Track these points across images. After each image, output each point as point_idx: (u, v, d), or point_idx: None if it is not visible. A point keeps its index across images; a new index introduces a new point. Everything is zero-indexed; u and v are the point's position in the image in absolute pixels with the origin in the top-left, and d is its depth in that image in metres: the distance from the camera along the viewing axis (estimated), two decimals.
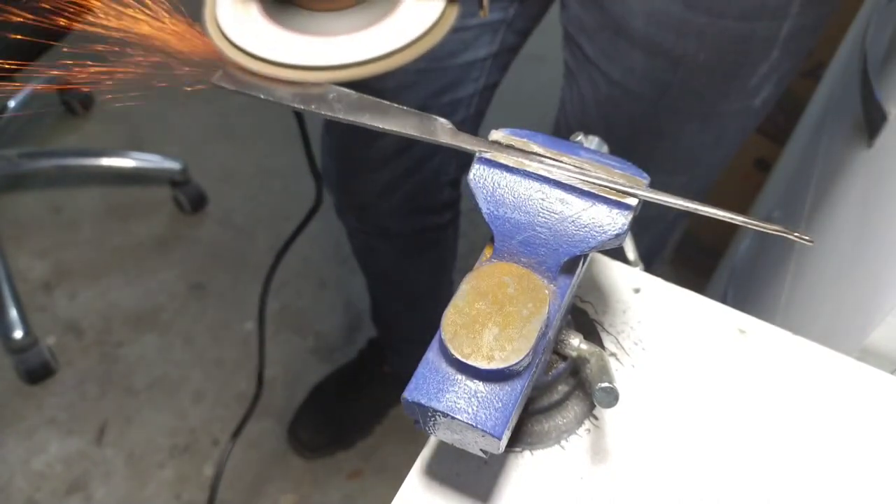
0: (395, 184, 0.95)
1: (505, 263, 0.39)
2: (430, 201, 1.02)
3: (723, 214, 0.38)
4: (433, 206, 1.04)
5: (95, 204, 1.70)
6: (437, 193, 1.01)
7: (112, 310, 1.54)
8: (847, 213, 0.77)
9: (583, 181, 0.38)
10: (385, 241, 1.09)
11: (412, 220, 1.04)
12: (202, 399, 1.43)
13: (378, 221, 1.04)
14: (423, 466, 0.45)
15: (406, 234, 1.07)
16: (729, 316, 0.51)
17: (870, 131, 0.74)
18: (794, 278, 0.86)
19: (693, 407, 0.47)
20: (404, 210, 1.01)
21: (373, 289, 1.28)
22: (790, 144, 1.23)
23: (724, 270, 1.26)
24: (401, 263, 1.15)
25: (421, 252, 1.12)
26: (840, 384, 0.48)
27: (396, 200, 0.98)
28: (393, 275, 1.19)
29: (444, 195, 1.03)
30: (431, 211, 1.04)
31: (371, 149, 0.92)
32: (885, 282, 0.59)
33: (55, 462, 1.35)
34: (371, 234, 1.08)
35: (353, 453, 1.38)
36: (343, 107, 0.42)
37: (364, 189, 0.99)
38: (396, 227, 1.05)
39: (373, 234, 1.08)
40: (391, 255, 1.13)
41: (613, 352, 0.50)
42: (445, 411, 0.35)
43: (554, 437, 0.46)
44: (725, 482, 0.44)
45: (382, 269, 1.20)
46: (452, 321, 0.36)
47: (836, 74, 1.01)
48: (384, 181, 0.95)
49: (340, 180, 1.00)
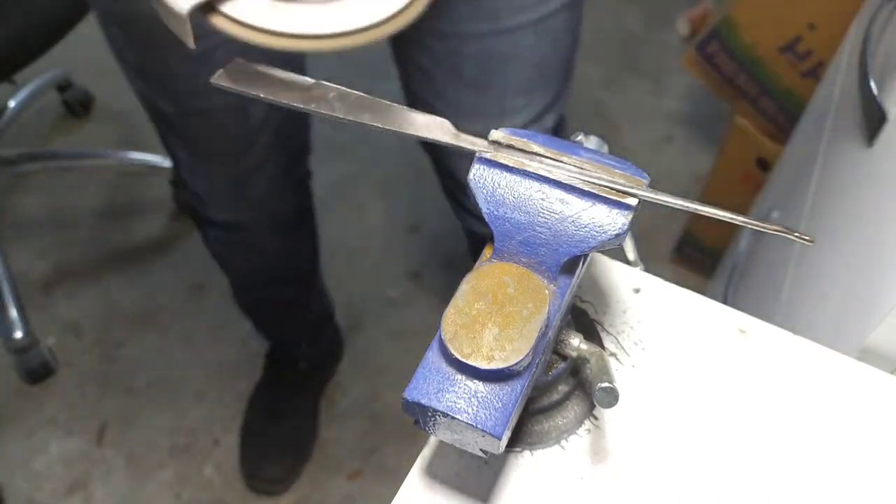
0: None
1: (505, 263, 0.39)
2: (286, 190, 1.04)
3: (723, 214, 0.38)
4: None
5: (95, 204, 1.70)
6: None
7: (112, 310, 1.54)
8: (847, 213, 0.77)
9: (583, 181, 0.38)
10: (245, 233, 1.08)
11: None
12: (202, 399, 1.43)
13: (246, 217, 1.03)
14: (423, 466, 0.45)
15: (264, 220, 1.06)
16: (729, 316, 0.51)
17: (870, 131, 0.74)
18: (794, 278, 0.86)
19: (693, 407, 0.47)
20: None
21: (242, 289, 1.26)
22: (790, 144, 1.23)
23: (724, 270, 1.26)
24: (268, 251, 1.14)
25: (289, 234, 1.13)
26: (840, 384, 0.48)
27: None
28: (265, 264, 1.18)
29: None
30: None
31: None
32: (885, 282, 0.59)
33: (55, 462, 1.36)
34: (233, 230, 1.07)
35: (353, 453, 1.38)
36: (343, 106, 0.42)
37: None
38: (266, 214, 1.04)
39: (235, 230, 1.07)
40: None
41: (613, 352, 0.50)
42: (445, 411, 0.35)
43: (554, 437, 0.46)
44: (725, 482, 0.44)
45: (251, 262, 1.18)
46: (452, 321, 0.36)
47: (836, 74, 1.01)
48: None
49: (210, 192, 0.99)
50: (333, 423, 1.41)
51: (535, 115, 0.84)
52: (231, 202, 0.99)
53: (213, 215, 1.01)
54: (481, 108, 0.81)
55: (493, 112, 0.81)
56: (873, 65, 0.75)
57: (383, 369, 1.48)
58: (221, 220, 1.02)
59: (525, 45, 0.77)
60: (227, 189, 0.97)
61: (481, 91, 0.80)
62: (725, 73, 1.40)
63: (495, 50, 0.76)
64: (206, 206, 1.00)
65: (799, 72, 1.32)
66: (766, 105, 1.39)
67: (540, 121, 0.85)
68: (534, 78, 0.81)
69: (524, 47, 0.77)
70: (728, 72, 1.39)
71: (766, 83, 1.36)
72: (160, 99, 0.84)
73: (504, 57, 0.77)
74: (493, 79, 0.79)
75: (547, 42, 0.78)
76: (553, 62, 0.82)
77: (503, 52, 0.77)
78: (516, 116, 0.83)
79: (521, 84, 0.80)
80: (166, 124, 0.89)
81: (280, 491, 1.33)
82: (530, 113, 0.83)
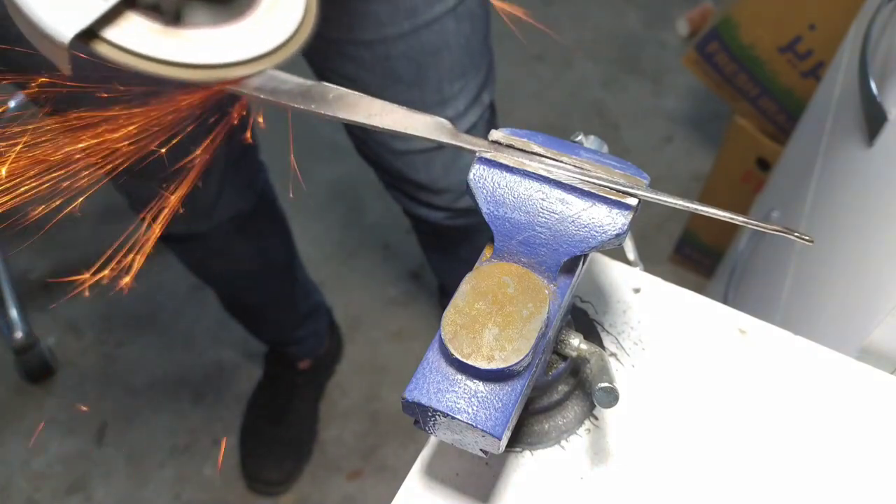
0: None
1: (505, 263, 0.39)
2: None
3: (723, 214, 0.38)
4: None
5: (95, 204, 1.70)
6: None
7: (112, 310, 1.54)
8: (847, 212, 0.77)
9: (583, 181, 0.38)
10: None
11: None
12: (202, 399, 1.43)
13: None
14: (423, 466, 0.45)
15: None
16: (729, 316, 0.51)
17: (870, 131, 0.74)
18: (794, 278, 0.86)
19: (693, 407, 0.47)
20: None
21: (231, 298, 1.26)
22: (790, 144, 1.23)
23: (724, 270, 1.26)
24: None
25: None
26: (840, 384, 0.48)
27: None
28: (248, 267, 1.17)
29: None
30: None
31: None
32: (885, 282, 0.59)
33: (55, 462, 1.36)
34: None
35: (353, 453, 1.38)
36: (342, 107, 0.42)
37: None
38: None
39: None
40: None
41: (613, 352, 0.50)
42: (445, 411, 0.35)
43: (554, 437, 0.46)
44: (726, 482, 0.44)
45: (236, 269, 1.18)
46: (452, 321, 0.36)
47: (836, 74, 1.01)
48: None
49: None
50: (333, 423, 1.41)
51: (473, 96, 0.86)
52: (179, 216, 0.97)
53: (166, 230, 0.99)
54: (421, 101, 0.82)
55: (433, 102, 0.83)
56: (873, 65, 0.75)
57: (383, 369, 1.48)
58: (177, 234, 1.00)
59: (448, 31, 0.78)
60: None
61: (419, 86, 0.81)
62: (725, 73, 1.40)
63: (423, 44, 0.77)
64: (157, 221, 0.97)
65: (799, 72, 1.32)
66: (766, 105, 1.39)
67: (478, 99, 0.87)
68: (463, 61, 0.82)
69: (448, 34, 0.78)
70: (728, 72, 1.39)
71: (766, 83, 1.36)
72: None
73: (433, 48, 0.78)
74: (427, 72, 0.80)
75: (466, 23, 0.80)
76: (476, 41, 0.83)
77: (431, 44, 0.78)
78: (457, 101, 0.85)
79: (454, 69, 0.82)
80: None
81: (280, 492, 1.33)
82: (468, 95, 0.85)
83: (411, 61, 0.79)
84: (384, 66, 0.79)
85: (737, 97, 1.42)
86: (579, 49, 2.01)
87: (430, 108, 0.81)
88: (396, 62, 0.78)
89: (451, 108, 0.85)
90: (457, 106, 0.85)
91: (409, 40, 0.77)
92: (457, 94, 0.84)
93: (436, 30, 0.77)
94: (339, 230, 1.65)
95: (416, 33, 0.76)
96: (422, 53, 0.78)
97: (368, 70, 0.79)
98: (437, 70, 0.81)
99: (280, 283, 1.26)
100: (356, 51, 0.78)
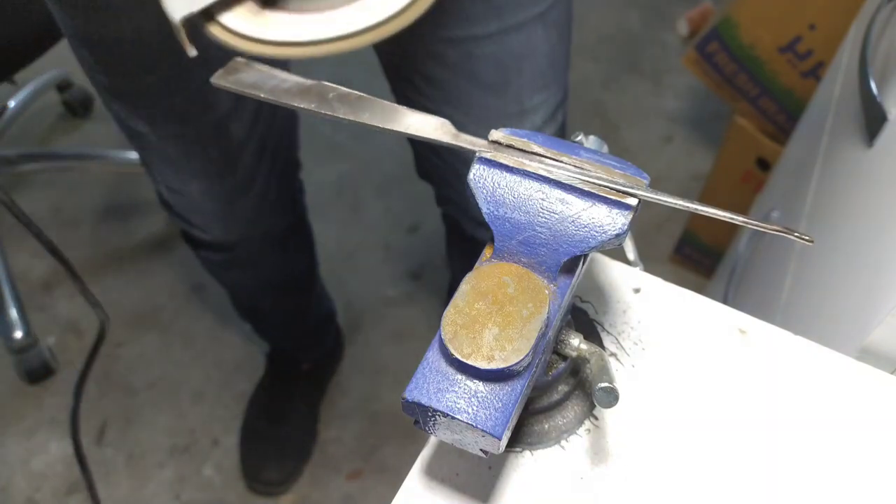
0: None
1: (505, 263, 0.39)
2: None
3: (723, 214, 0.38)
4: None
5: (95, 204, 1.70)
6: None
7: (112, 310, 1.54)
8: (847, 213, 0.77)
9: (583, 181, 0.38)
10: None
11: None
12: (202, 399, 1.43)
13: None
14: (423, 466, 0.45)
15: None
16: (729, 316, 0.51)
17: (870, 131, 0.74)
18: (794, 278, 0.86)
19: (693, 407, 0.47)
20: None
21: (243, 298, 1.25)
22: (790, 144, 1.23)
23: (724, 270, 1.26)
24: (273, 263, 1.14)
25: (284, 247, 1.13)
26: (840, 384, 0.48)
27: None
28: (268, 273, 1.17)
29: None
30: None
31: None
32: (885, 282, 0.59)
33: (55, 462, 1.36)
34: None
35: (353, 453, 1.38)
36: (343, 106, 0.42)
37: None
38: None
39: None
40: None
41: (613, 352, 0.50)
42: (445, 411, 0.35)
43: (554, 437, 0.46)
44: (726, 482, 0.44)
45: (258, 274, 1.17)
46: (452, 321, 0.36)
47: (836, 74, 1.01)
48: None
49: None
50: (333, 423, 1.41)
51: (551, 112, 0.82)
52: (218, 224, 0.96)
53: (200, 236, 0.98)
54: (502, 109, 0.79)
55: (513, 112, 0.79)
56: (873, 65, 0.75)
57: (383, 369, 1.48)
58: (210, 242, 0.99)
59: (536, 39, 0.75)
60: (213, 211, 0.94)
61: (501, 92, 0.78)
62: (725, 73, 1.40)
63: (509, 48, 0.74)
64: (193, 228, 0.97)
65: (799, 72, 1.32)
66: (766, 105, 1.39)
67: (554, 117, 0.83)
68: (547, 73, 0.79)
69: (536, 41, 0.75)
70: (728, 71, 1.39)
71: (766, 83, 1.36)
72: (135, 120, 0.81)
73: (519, 54, 0.75)
74: (510, 78, 0.77)
75: (554, 34, 0.76)
76: (561, 54, 0.80)
77: (517, 49, 0.75)
78: (536, 115, 0.81)
79: (537, 80, 0.78)
80: (144, 146, 0.85)
81: (280, 492, 1.33)
82: (547, 110, 0.81)
83: (496, 65, 0.75)
84: (467, 66, 0.75)
85: (737, 97, 1.42)
86: (579, 49, 2.01)
87: (509, 120, 0.79)
88: (480, 63, 0.75)
89: (529, 122, 0.81)
90: (534, 120, 0.81)
91: (496, 42, 0.73)
92: (537, 107, 0.80)
93: (523, 35, 0.74)
94: (339, 230, 1.65)
95: (504, 36, 0.73)
96: (507, 58, 0.75)
97: (451, 70, 0.76)
98: (520, 78, 0.77)
99: (298, 294, 1.26)
100: (442, 48, 0.74)
